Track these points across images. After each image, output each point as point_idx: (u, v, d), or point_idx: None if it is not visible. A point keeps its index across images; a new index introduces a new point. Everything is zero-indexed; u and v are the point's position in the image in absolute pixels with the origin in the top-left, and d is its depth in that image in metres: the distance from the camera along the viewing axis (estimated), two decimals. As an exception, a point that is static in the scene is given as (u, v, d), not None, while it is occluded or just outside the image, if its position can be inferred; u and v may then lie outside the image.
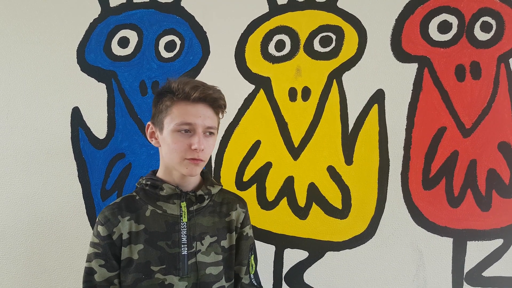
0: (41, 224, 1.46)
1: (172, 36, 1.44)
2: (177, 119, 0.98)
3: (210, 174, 1.16)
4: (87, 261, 1.02)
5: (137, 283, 0.99)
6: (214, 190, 1.08)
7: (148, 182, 1.04)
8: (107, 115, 1.45)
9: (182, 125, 0.97)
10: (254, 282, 1.14)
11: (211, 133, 1.02)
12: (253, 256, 1.15)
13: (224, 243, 1.07)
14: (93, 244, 1.02)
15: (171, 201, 1.03)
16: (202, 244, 1.03)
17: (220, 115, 1.07)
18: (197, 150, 0.97)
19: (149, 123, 1.07)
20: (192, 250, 1.01)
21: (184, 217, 1.03)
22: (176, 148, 0.98)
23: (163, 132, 1.01)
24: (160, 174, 1.07)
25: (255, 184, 1.44)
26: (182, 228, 1.02)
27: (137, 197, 1.06)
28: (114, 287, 1.02)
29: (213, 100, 1.00)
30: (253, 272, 1.14)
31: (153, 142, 1.06)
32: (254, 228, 1.41)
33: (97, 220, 1.03)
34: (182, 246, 1.01)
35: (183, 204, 1.03)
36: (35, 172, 1.46)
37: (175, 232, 1.01)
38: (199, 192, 1.04)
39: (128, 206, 1.04)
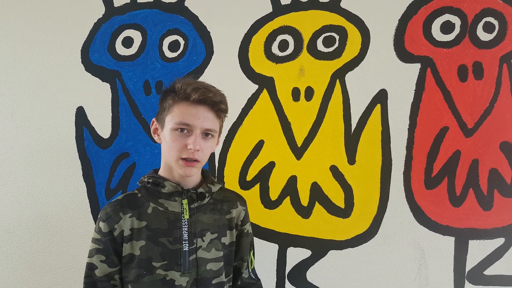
0: (45, 223, 1.47)
1: (176, 36, 1.45)
2: (176, 118, 1.00)
3: (213, 174, 1.18)
4: (88, 256, 1.04)
5: (139, 278, 1.01)
6: (215, 188, 1.10)
7: (150, 180, 1.06)
8: (111, 114, 1.46)
9: (180, 125, 1.00)
10: (252, 275, 1.18)
11: (209, 135, 1.03)
12: (252, 251, 1.18)
13: (225, 240, 1.09)
14: (94, 240, 1.04)
15: (173, 198, 1.05)
16: (203, 241, 1.05)
17: (222, 119, 1.08)
18: (192, 150, 0.98)
19: (154, 119, 1.09)
20: (193, 246, 1.03)
21: (186, 214, 1.04)
22: (173, 146, 1.00)
23: (164, 129, 1.04)
24: (161, 171, 1.09)
25: (258, 183, 1.45)
26: (184, 225, 1.03)
27: (139, 195, 1.07)
28: (115, 282, 1.04)
29: (214, 103, 1.02)
30: (252, 267, 1.18)
31: (156, 138, 1.09)
32: (257, 226, 1.43)
33: (99, 216, 1.05)
34: (184, 242, 1.03)
35: (185, 201, 1.05)
36: (40, 171, 1.47)
37: (177, 229, 1.03)
38: (200, 190, 1.06)
39: (129, 203, 1.06)
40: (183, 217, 1.04)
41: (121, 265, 1.04)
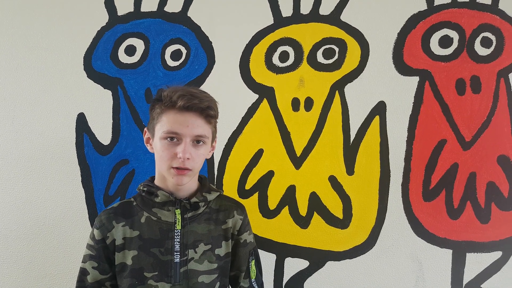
0: (43, 228, 1.47)
1: (178, 45, 1.47)
2: (165, 127, 0.98)
3: (210, 181, 1.16)
4: (82, 261, 1.04)
5: None
6: (211, 197, 1.08)
7: (145, 189, 1.06)
8: (112, 121, 1.47)
9: (169, 134, 0.98)
10: (255, 285, 1.12)
11: (200, 142, 1.01)
12: (254, 261, 1.13)
13: (220, 251, 1.06)
14: (88, 246, 1.04)
15: (166, 208, 1.04)
16: (196, 252, 1.03)
17: (213, 124, 1.05)
18: (182, 159, 0.97)
19: (145, 129, 1.08)
20: (184, 258, 1.02)
21: (178, 225, 1.03)
22: (163, 155, 0.99)
23: (154, 138, 1.03)
24: (156, 180, 1.08)
25: (257, 193, 1.45)
26: (176, 236, 1.02)
27: (134, 203, 1.08)
28: None
29: (201, 109, 0.99)
30: (254, 277, 1.12)
31: (148, 148, 1.08)
32: (255, 236, 1.42)
33: (94, 223, 1.06)
34: (175, 253, 1.01)
35: (177, 211, 1.03)
36: (39, 176, 1.47)
37: (169, 239, 1.02)
38: (194, 200, 1.04)
39: (124, 211, 1.06)
40: (176, 227, 1.03)
41: (112, 272, 1.04)
